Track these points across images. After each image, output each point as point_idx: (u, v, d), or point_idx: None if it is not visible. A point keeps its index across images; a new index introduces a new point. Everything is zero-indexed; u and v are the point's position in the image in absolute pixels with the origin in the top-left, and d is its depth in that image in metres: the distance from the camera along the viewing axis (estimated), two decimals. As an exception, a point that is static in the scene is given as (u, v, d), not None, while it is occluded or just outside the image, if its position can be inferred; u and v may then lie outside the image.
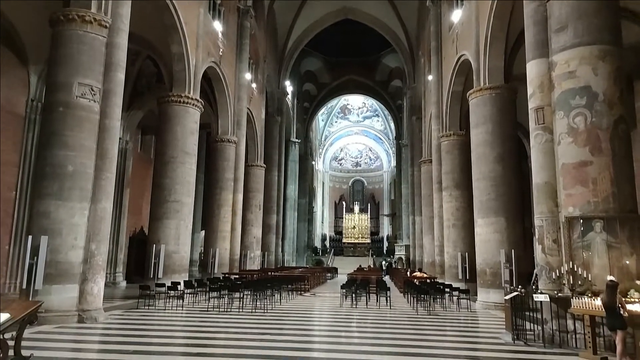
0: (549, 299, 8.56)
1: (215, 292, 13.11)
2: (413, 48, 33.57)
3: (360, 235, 51.26)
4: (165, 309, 12.45)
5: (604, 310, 6.97)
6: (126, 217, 21.83)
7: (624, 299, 7.17)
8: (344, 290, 14.85)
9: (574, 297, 7.99)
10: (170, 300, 13.11)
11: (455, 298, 14.71)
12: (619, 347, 6.64)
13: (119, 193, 20.72)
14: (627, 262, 8.19)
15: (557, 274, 8.88)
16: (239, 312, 12.11)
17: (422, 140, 30.02)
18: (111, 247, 19.32)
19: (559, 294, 8.63)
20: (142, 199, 23.60)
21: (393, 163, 49.08)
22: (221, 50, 20.89)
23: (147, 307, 12.71)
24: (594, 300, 7.60)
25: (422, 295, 14.20)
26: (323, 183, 54.52)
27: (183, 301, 13.32)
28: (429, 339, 8.93)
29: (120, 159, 20.48)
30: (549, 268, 9.55)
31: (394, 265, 39.31)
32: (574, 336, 8.19)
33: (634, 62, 15.68)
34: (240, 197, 23.55)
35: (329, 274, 30.79)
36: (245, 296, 13.13)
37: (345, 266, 36.59)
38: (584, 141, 8.69)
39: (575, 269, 8.27)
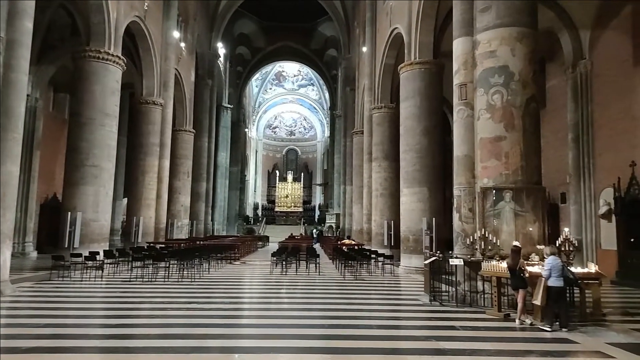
0: (463, 263, 9.26)
1: (138, 262, 12.61)
2: (349, 18, 33.42)
3: (292, 204, 51.66)
4: (82, 280, 11.79)
5: (509, 272, 7.70)
6: (36, 182, 20.04)
7: (525, 262, 7.96)
8: (275, 258, 14.99)
9: (484, 261, 8.72)
10: (88, 271, 12.42)
11: (380, 264, 15.48)
12: (520, 304, 7.42)
13: (28, 156, 18.91)
14: (531, 229, 9.04)
15: (471, 240, 9.61)
16: (164, 281, 11.81)
17: (355, 112, 30.49)
18: (19, 214, 17.74)
19: (472, 258, 9.36)
20: (55, 163, 21.74)
21: (327, 133, 49.45)
22: (146, 4, 19.35)
23: (61, 279, 11.95)
24: (500, 263, 8.36)
25: (350, 262, 14.75)
26: (256, 151, 53.75)
27: (102, 272, 12.66)
28: (354, 303, 9.35)
29: (29, 118, 18.61)
30: (464, 235, 10.29)
31: (324, 234, 40.31)
32: (482, 296, 8.98)
33: (547, 45, 16.91)
34: (167, 163, 22.56)
35: (260, 243, 30.88)
36: (171, 266, 12.78)
37: (277, 235, 36.86)
38: (500, 117, 9.29)
39: (487, 235, 8.99)
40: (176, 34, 23.34)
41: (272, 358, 5.31)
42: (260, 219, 48.71)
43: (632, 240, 13.06)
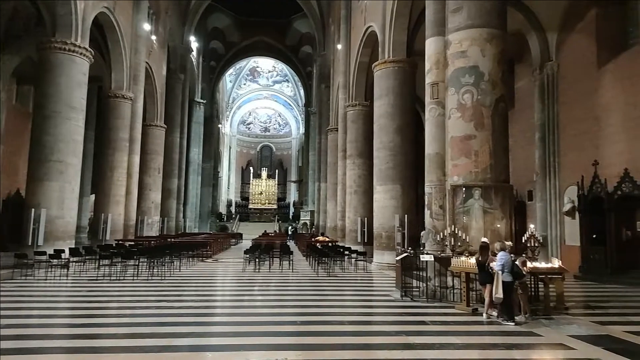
0: (433, 259, 9.43)
1: (106, 260, 12.28)
2: (324, 15, 33.40)
3: (267, 201, 51.40)
4: (46, 279, 11.40)
5: (477, 267, 7.89)
6: (-1, 176, 19.23)
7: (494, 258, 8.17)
8: (248, 256, 14.89)
9: (453, 257, 8.90)
10: (53, 269, 12.01)
11: (353, 260, 15.59)
12: (487, 299, 7.62)
13: (-11, 150, 18.13)
14: (499, 225, 9.28)
15: (441, 236, 9.79)
16: (133, 280, 11.54)
17: (330, 109, 30.54)
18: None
19: (442, 254, 9.54)
20: (18, 157, 20.90)
21: (302, 130, 49.38)
22: (115, -5, 18.80)
23: (24, 278, 11.52)
24: (469, 259, 8.55)
25: (323, 258, 14.80)
26: (230, 147, 53.13)
27: (68, 270, 12.27)
28: (327, 299, 9.39)
29: (-10, 111, 17.82)
30: (435, 231, 10.48)
31: (299, 231, 40.30)
32: (452, 291, 9.16)
33: (516, 47, 17.38)
34: (136, 159, 22.04)
35: (234, 240, 30.59)
36: (140, 264, 12.50)
37: (251, 232, 36.61)
38: (470, 117, 9.48)
39: (457, 232, 9.17)
40: (147, 27, 22.79)
41: (242, 355, 5.26)
42: (233, 216, 48.27)
43: (594, 236, 13.61)
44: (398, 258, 10.05)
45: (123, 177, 20.52)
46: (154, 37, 24.94)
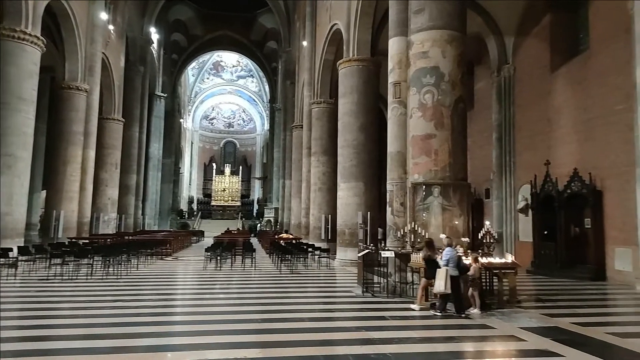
0: (394, 255, 9.61)
1: (58, 259, 11.72)
2: (290, 11, 33.24)
3: (230, 198, 50.68)
4: (-7, 280, 10.76)
5: (424, 262, 8.16)
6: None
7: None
8: (209, 253, 14.63)
9: (413, 253, 9.11)
10: (0, 269, 11.35)
11: (317, 257, 15.65)
12: (420, 292, 8.05)
13: None
14: (457, 222, 9.56)
15: (402, 233, 9.98)
16: (87, 279, 11.08)
17: (295, 106, 30.46)
18: None
19: (402, 250, 9.73)
20: (-38, 151, 19.58)
21: (267, 126, 48.97)
22: (70, -19, 17.94)
23: (-32, 278, 10.83)
24: (428, 255, 8.76)
25: (286, 256, 14.76)
26: (192, 143, 51.97)
27: (16, 270, 11.63)
28: (289, 296, 9.38)
29: None
30: (396, 228, 10.66)
31: (263, 228, 40.03)
32: (412, 287, 9.37)
33: (475, 49, 17.94)
34: (92, 153, 21.19)
35: (195, 238, 30.02)
36: (95, 263, 12.03)
37: (213, 229, 36.00)
38: (431, 116, 9.70)
39: (416, 229, 9.38)
40: (104, 16, 21.90)
41: (201, 355, 5.17)
42: (195, 213, 47.30)
43: (545, 232, 14.28)
44: (360, 255, 10.17)
45: (77, 172, 19.69)
46: (111, 27, 24.00)
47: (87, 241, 17.33)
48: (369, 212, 14.87)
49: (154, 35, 33.63)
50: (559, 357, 5.12)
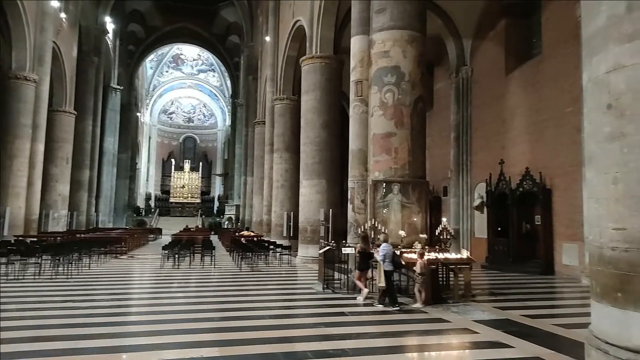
0: (354, 251, 9.68)
1: (3, 258, 11.03)
2: (252, 5, 32.81)
3: (189, 194, 49.53)
4: None
5: (359, 255, 8.55)
6: None
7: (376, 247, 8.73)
8: (166, 251, 14.23)
9: (373, 249, 9.21)
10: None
11: (278, 254, 15.56)
12: (358, 283, 8.44)
13: None
14: (415, 219, 9.77)
15: (362, 230, 10.08)
16: (34, 279, 10.50)
17: (257, 101, 30.12)
18: None
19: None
20: None
21: (228, 122, 48.17)
22: (17, -36, 16.88)
23: None
24: (388, 251, 8.89)
25: (247, 253, 14.58)
26: (150, 137, 50.33)
27: (-44, 270, 10.86)
28: (248, 294, 9.26)
29: None
30: (357, 225, 10.78)
31: (223, 225, 39.39)
32: (371, 282, 9.48)
33: (434, 50, 18.37)
34: (41, 147, 20.10)
35: (152, 236, 29.14)
36: (43, 262, 11.40)
37: (172, 227, 35.08)
38: (391, 115, 9.84)
39: (376, 225, 9.51)
40: (55, 3, 20.79)
41: (157, 355, 5.01)
42: (153, 210, 45.89)
43: (499, 229, 14.84)
44: (321, 251, 10.18)
45: (24, 167, 18.62)
46: (63, 15, 22.80)
47: (35, 239, 16.42)
48: (330, 209, 14.95)
49: (110, 25, 32.27)
50: (508, 348, 5.33)
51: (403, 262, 8.26)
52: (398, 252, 8.34)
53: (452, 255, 8.91)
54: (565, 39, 12.75)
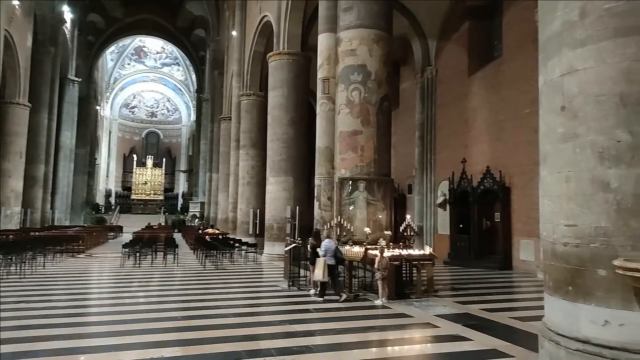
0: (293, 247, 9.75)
1: (-54, 258, 10.39)
2: (219, -1, 32.23)
3: (152, 191, 48.27)
4: None
5: (310, 250, 8.77)
6: None
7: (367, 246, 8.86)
8: (127, 250, 13.80)
9: (339, 246, 9.26)
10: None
11: (243, 252, 15.40)
12: (313, 277, 8.56)
13: None
14: (380, 216, 9.92)
15: (328, 227, 10.13)
16: (-17, 279, 9.94)
17: (223, 96, 29.66)
18: None
19: (328, 244, 9.87)
20: None
21: (193, 117, 47.21)
22: (-36, -55, 15.85)
23: None
24: (353, 247, 8.99)
25: (212, 251, 14.36)
26: (110, 132, 48.61)
27: None
28: (212, 292, 9.12)
29: None
30: (323, 222, 10.81)
31: (187, 223, 38.60)
32: (337, 279, 9.54)
33: (401, 50, 18.66)
34: (-8, 141, 19.01)
35: (112, 234, 28.22)
36: (-7, 261, 10.82)
37: (133, 224, 34.03)
38: (358, 113, 9.94)
39: (342, 222, 9.58)
40: (7, -12, 19.66)
41: (115, 356, 4.85)
42: (113, 207, 44.40)
43: (461, 226, 15.27)
44: (287, 248, 10.16)
45: (-27, 162, 17.55)
46: (16, 3, 21.64)
47: (-16, 238, 15.52)
48: (297, 207, 14.91)
49: (67, 14, 30.87)
50: (467, 341, 5.50)
51: (344, 257, 8.68)
52: (357, 248, 8.49)
53: (415, 252, 9.09)
54: (524, 42, 13.21)
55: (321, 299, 8.08)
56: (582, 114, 4.08)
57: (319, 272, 8.16)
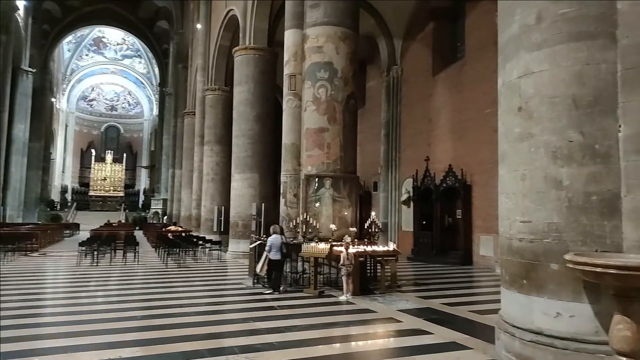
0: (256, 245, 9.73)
1: None
2: (183, -10, 31.44)
3: (112, 187, 46.60)
4: None
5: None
6: None
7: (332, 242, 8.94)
8: (84, 248, 13.28)
9: (304, 243, 9.28)
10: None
11: (207, 250, 15.15)
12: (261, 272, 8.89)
13: None
14: (346, 213, 9.99)
15: (294, 224, 10.12)
16: None
17: (187, 91, 29.01)
18: None
19: (294, 241, 9.85)
20: None
21: (156, 111, 45.87)
22: None
23: None
24: (318, 244, 9.01)
25: (174, 249, 14.04)
26: (67, 126, 46.45)
27: None
28: (175, 291, 8.91)
29: None
30: (289, 219, 10.78)
31: (149, 220, 37.57)
32: (302, 276, 9.55)
33: (367, 49, 18.84)
34: None
35: (68, 231, 27.11)
36: None
37: (91, 222, 32.75)
38: (324, 110, 9.96)
39: (308, 219, 9.58)
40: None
41: (71, 357, 4.67)
42: (69, 204, 42.56)
43: (424, 222, 15.62)
44: (251, 246, 10.07)
45: None
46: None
47: None
48: (263, 204, 14.76)
49: (20, 2, 29.24)
50: (428, 335, 5.64)
51: (286, 251, 9.01)
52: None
53: (379, 248, 9.22)
54: (486, 44, 13.60)
55: (275, 292, 8.46)
56: (538, 114, 4.25)
57: (259, 266, 8.79)
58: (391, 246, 9.57)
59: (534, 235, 4.22)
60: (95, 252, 13.16)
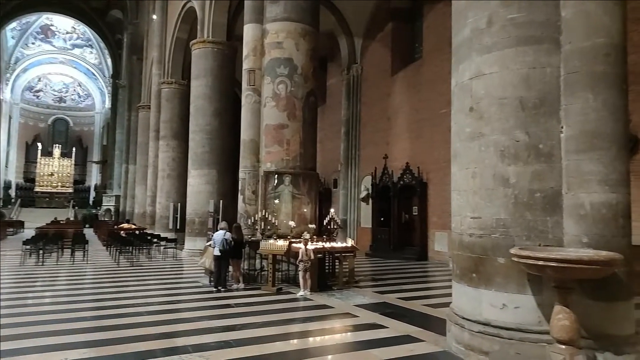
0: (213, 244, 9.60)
1: None
2: (139, -21, 30.31)
3: (59, 183, 44.27)
4: None
5: (233, 244, 8.82)
6: None
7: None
8: (28, 247, 12.56)
9: (263, 240, 9.22)
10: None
11: (162, 248, 14.73)
12: (236, 272, 8.96)
13: None
14: (305, 209, 10.01)
15: (253, 221, 10.02)
16: None
17: (142, 84, 28.03)
18: None
19: (252, 238, 9.77)
20: None
21: (108, 104, 44.00)
22: None
23: None
24: (277, 241, 8.98)
25: (127, 247, 13.55)
26: (10, 117, 43.62)
27: None
28: (127, 290, 8.61)
29: None
30: (247, 216, 10.66)
31: (101, 218, 36.05)
32: (260, 273, 9.49)
33: (328, 46, 18.92)
34: None
35: (12, 229, 25.58)
36: None
37: (37, 219, 31.01)
38: (284, 107, 9.92)
39: (267, 216, 9.53)
40: None
41: (14, 363, 4.42)
42: (13, 200, 40.11)
43: (382, 219, 15.91)
44: (207, 244, 9.88)
45: None
46: None
47: None
48: (221, 201, 14.56)
49: (-43, -20, 27.18)
50: (383, 329, 5.77)
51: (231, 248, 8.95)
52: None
53: (338, 244, 9.31)
54: (442, 46, 13.98)
55: (222, 288, 8.49)
56: (488, 115, 4.44)
57: (204, 260, 9.00)
58: (349, 242, 9.68)
59: (483, 230, 4.40)
60: (41, 251, 12.47)
